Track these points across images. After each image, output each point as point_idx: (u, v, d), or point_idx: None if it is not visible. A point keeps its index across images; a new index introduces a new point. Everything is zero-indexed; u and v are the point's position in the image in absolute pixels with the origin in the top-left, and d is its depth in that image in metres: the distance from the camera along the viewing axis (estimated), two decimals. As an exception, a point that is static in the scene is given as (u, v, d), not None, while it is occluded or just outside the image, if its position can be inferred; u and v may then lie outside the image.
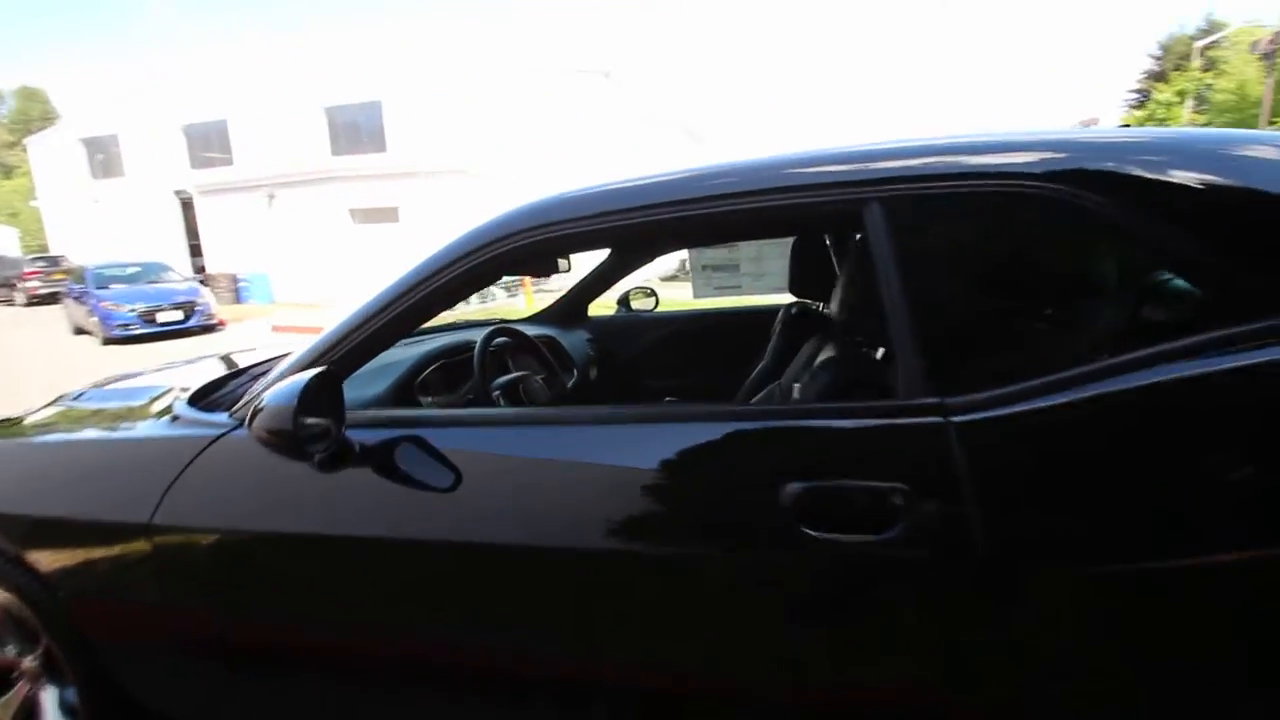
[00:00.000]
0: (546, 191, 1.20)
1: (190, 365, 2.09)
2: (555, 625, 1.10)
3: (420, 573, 1.14)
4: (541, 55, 16.24)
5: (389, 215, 14.79)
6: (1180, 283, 1.01)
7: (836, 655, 1.00)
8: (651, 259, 2.78)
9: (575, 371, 2.37)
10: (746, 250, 2.65)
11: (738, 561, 1.00)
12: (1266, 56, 17.84)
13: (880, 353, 1.36)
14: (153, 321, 10.01)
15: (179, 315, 10.29)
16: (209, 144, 18.26)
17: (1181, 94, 24.42)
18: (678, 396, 2.81)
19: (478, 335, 2.06)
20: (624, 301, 3.01)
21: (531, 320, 2.81)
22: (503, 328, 1.87)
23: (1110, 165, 0.94)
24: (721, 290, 2.71)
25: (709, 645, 1.03)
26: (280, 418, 1.02)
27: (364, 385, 1.50)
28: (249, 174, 16.39)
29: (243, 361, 1.93)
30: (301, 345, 1.32)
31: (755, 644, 1.02)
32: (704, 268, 2.72)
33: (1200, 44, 25.46)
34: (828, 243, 1.99)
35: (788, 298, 2.89)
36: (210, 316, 10.72)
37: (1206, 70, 24.08)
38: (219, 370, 1.83)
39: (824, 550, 0.94)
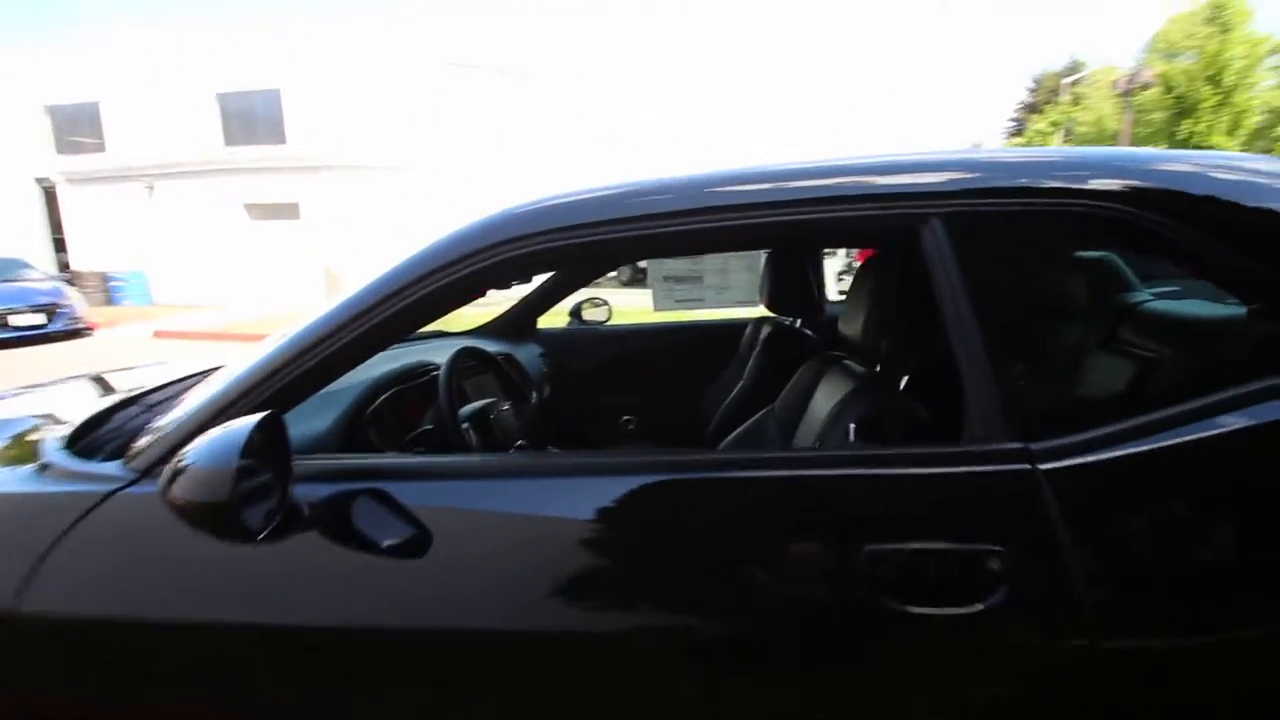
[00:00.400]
0: (548, 188, 1.00)
1: (56, 389, 1.70)
2: None
3: (395, 671, 0.90)
4: (456, 52, 15.61)
5: (289, 211, 13.70)
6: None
7: None
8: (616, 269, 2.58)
9: (535, 393, 2.15)
10: (711, 262, 2.53)
11: (807, 645, 0.84)
12: (1124, 94, 20.07)
13: (904, 382, 1.25)
14: (4, 326, 8.70)
15: (40, 319, 9.01)
16: (77, 127, 16.24)
17: (1055, 124, 27.05)
18: (638, 415, 2.64)
19: (427, 354, 1.80)
20: (576, 313, 2.81)
21: (478, 334, 2.55)
22: (470, 348, 1.63)
23: (1202, 189, 0.87)
24: (684, 304, 2.57)
25: None
26: (214, 485, 0.76)
27: (301, 420, 1.23)
28: (125, 162, 14.70)
29: (124, 384, 1.58)
30: (223, 375, 1.04)
31: None
32: (665, 279, 2.57)
33: (1066, 80, 28.35)
34: (824, 255, 1.88)
35: (749, 311, 2.80)
36: (76, 320, 9.47)
37: (1074, 104, 26.83)
38: (97, 398, 1.48)
39: (916, 627, 0.80)
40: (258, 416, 0.81)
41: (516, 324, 2.60)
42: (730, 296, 2.56)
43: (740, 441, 1.64)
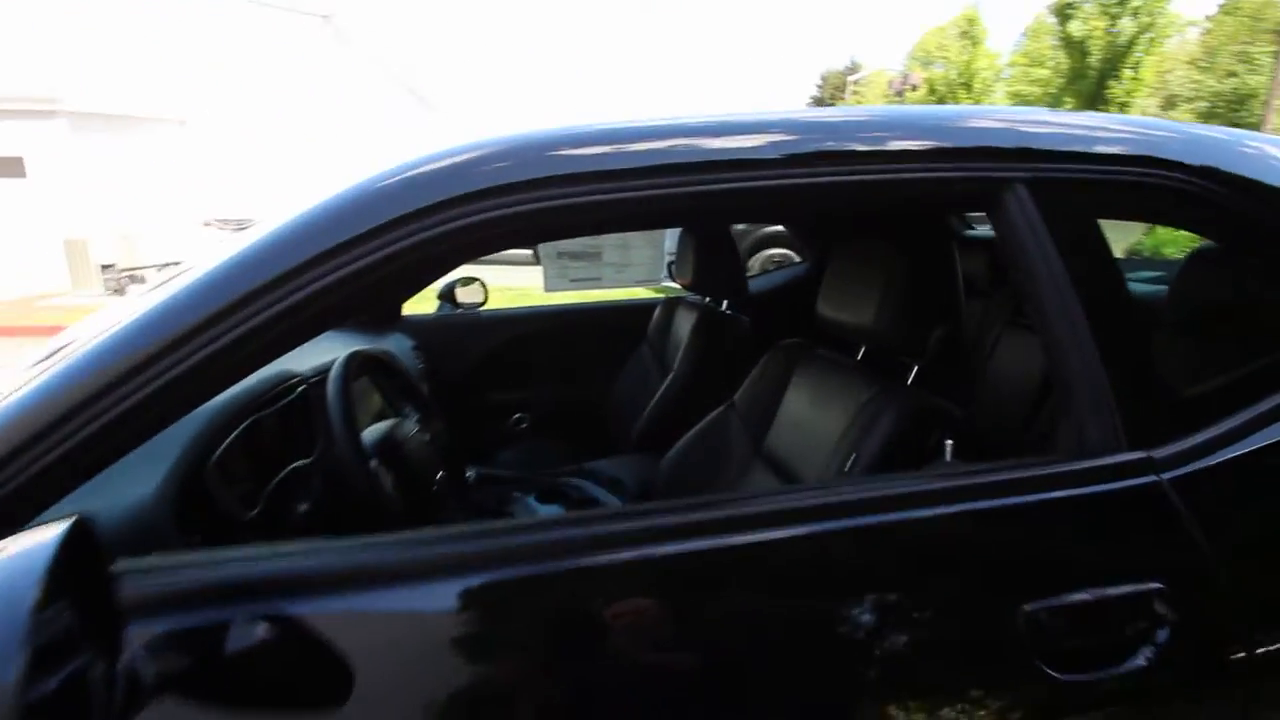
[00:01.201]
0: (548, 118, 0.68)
1: None
2: None
3: None
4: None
5: (8, 168, 10.71)
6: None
7: None
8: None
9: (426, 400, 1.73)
10: (611, 236, 2.25)
11: None
12: (898, 94, 23.03)
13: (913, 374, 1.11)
14: None
15: None
16: None
17: (843, 118, 30.40)
18: (530, 414, 2.31)
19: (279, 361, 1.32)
20: (448, 296, 2.38)
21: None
22: (364, 355, 1.17)
23: None
24: (579, 283, 2.28)
25: None
26: None
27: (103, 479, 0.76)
28: None
29: None
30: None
31: None
32: (560, 255, 2.24)
33: (850, 79, 31.93)
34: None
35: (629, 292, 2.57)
36: None
37: (856, 101, 30.31)
38: None
39: (1087, 695, 0.64)
40: (52, 531, 0.42)
41: (377, 310, 2.11)
42: (631, 275, 2.31)
43: (700, 441, 1.42)
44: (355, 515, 0.93)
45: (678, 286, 2.06)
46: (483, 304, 2.43)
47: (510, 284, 3.92)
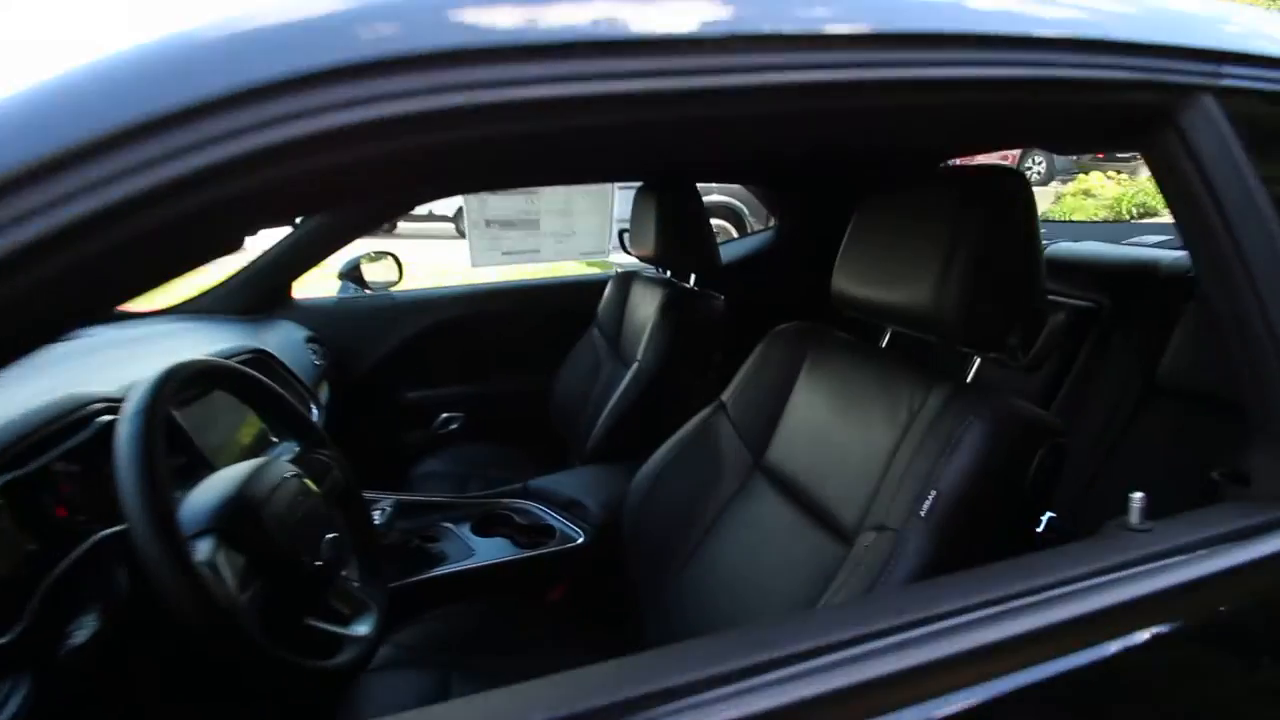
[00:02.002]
0: None
1: None
2: None
3: None
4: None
5: None
6: None
7: None
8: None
9: (314, 407, 1.34)
10: (551, 199, 1.88)
11: None
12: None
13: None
14: None
15: None
16: None
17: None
18: (462, 413, 1.95)
19: (77, 370, 0.91)
20: (353, 275, 1.96)
21: (188, 311, 1.58)
22: (199, 366, 0.75)
23: None
24: (513, 256, 1.91)
25: None
26: None
27: None
28: None
29: None
30: None
31: None
32: (489, 224, 1.86)
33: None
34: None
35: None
36: None
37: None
38: None
39: None
40: None
41: (257, 292, 1.68)
42: (575, 246, 1.96)
43: (681, 453, 1.12)
44: (151, 652, 0.58)
45: (631, 260, 1.74)
46: (396, 283, 2.02)
47: (427, 261, 3.48)
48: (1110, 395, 1.39)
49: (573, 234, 1.92)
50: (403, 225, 6.66)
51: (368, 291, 1.94)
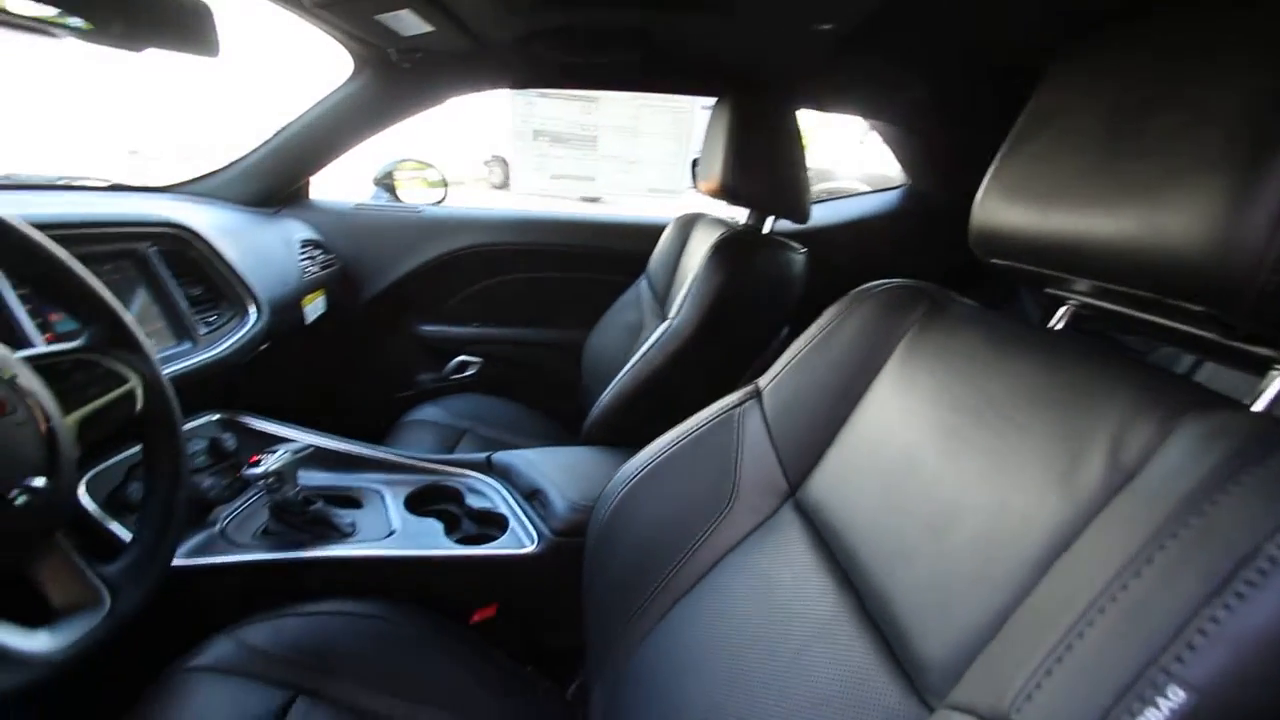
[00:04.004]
0: None
1: None
2: None
3: None
4: None
5: None
6: None
7: None
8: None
9: (252, 311, 1.07)
10: (614, 112, 1.51)
11: None
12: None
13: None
14: None
15: None
16: None
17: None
18: (480, 359, 1.66)
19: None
20: (385, 182, 1.70)
21: (179, 192, 1.38)
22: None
23: None
24: (563, 180, 1.56)
25: None
26: None
27: None
28: None
29: None
30: None
31: None
32: (537, 136, 1.54)
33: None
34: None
35: (671, 207, 1.84)
36: None
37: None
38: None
39: None
40: None
41: (265, 183, 1.45)
42: (640, 176, 1.58)
43: (687, 453, 0.72)
44: None
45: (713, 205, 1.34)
46: (437, 203, 1.75)
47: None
48: None
49: (638, 162, 1.54)
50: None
51: (396, 204, 1.68)
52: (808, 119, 1.45)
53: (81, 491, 0.75)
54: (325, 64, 1.38)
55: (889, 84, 1.21)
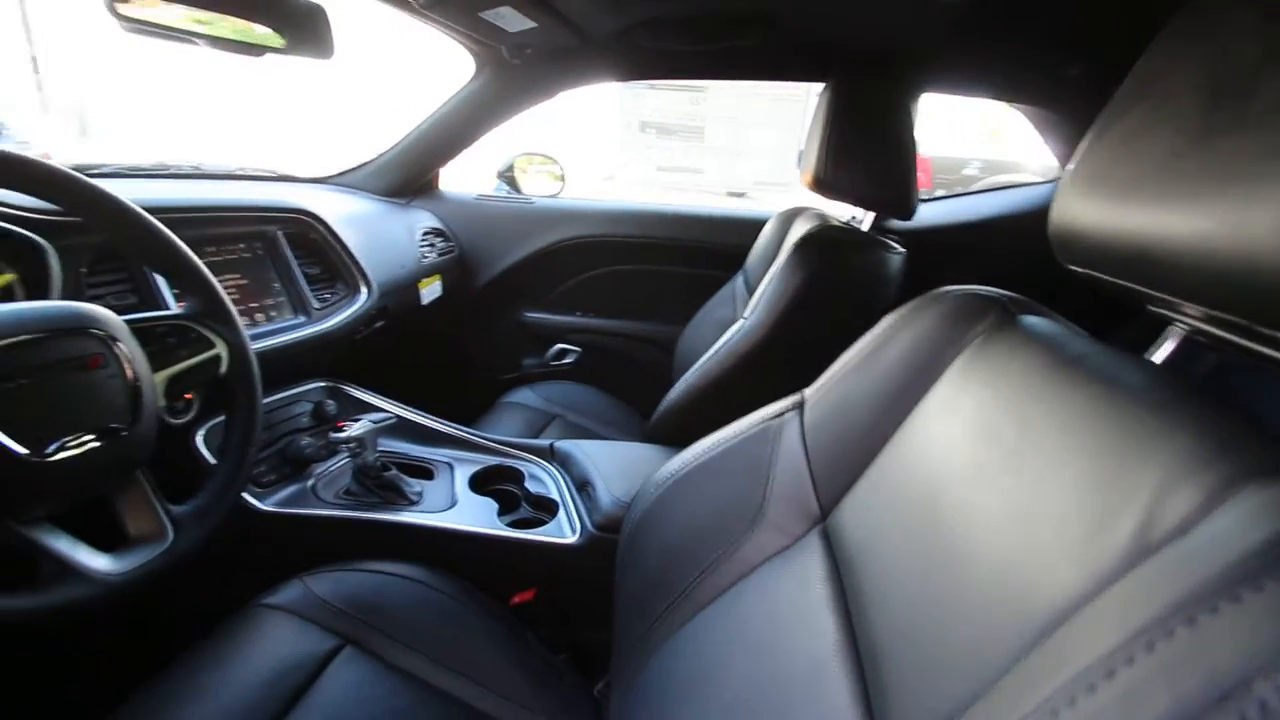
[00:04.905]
0: None
1: None
2: None
3: None
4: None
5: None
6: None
7: None
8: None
9: (363, 289, 1.17)
10: (720, 102, 1.46)
11: None
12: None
13: None
14: (-63, 140, 7.70)
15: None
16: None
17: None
18: (579, 348, 1.70)
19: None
20: (506, 175, 1.80)
21: (329, 183, 1.56)
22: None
23: None
24: (669, 172, 1.55)
25: None
26: None
27: None
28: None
29: None
30: None
31: None
32: (644, 128, 1.53)
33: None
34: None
35: (779, 200, 1.77)
36: (25, 144, 8.43)
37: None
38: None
39: None
40: None
41: (399, 175, 1.59)
42: (746, 168, 1.52)
43: (720, 463, 0.68)
44: None
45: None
46: (555, 194, 1.82)
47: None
48: None
49: (746, 154, 1.48)
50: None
51: (515, 195, 1.77)
52: (995, 107, 1.30)
53: (200, 437, 0.87)
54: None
55: (1031, 61, 1.05)
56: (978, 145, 5.92)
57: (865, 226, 1.09)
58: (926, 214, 1.46)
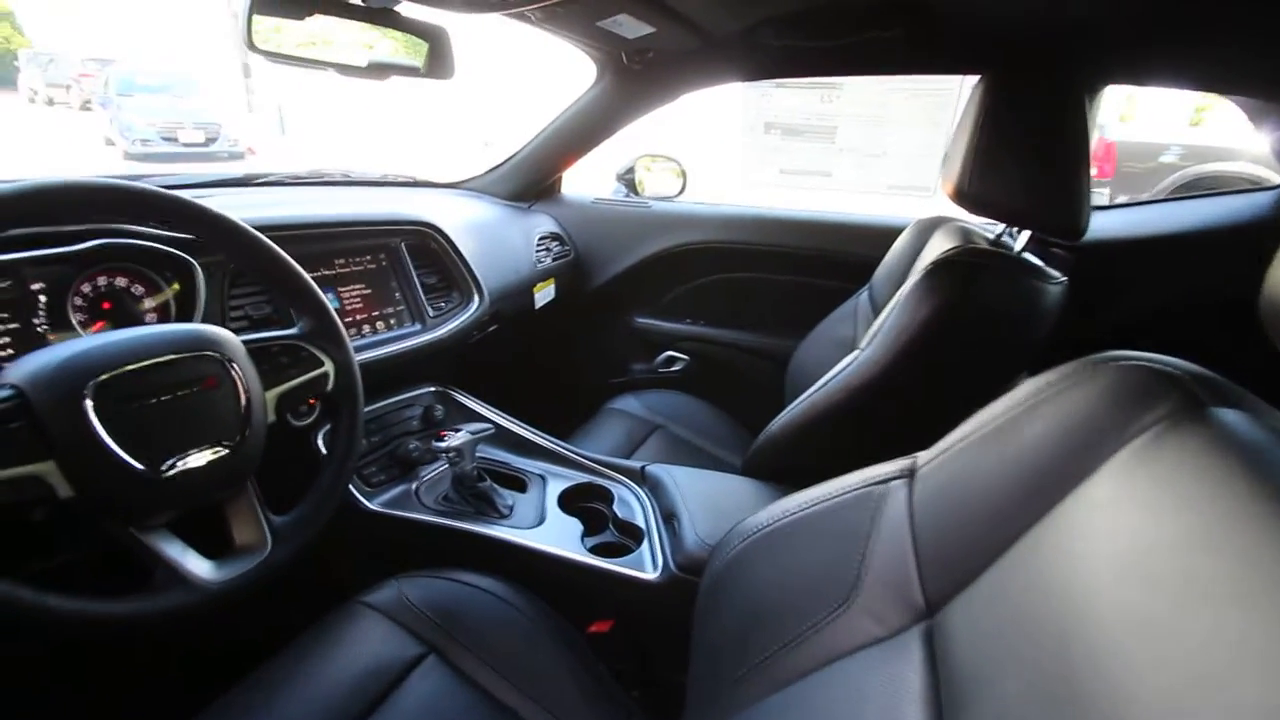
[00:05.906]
0: None
1: None
2: None
3: None
4: None
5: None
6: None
7: None
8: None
9: (477, 299, 1.20)
10: (858, 100, 1.33)
11: None
12: None
13: None
14: (174, 140, 9.20)
15: (200, 137, 9.43)
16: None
17: None
18: (687, 357, 1.66)
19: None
20: (626, 178, 1.78)
21: (458, 188, 1.63)
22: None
23: None
24: (794, 175, 1.44)
25: None
26: None
27: None
28: None
29: None
30: None
31: None
32: (769, 129, 1.44)
33: None
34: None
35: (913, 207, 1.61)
36: (235, 142, 9.82)
37: None
38: None
39: None
40: None
41: (522, 180, 1.63)
42: (884, 172, 1.38)
43: (815, 526, 0.61)
44: None
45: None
46: (674, 197, 1.78)
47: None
48: None
49: (882, 155, 1.34)
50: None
51: (635, 198, 1.75)
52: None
53: (320, 438, 0.94)
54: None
55: (1254, 45, 0.84)
56: (1178, 126, 5.06)
57: (1018, 245, 0.93)
58: (1100, 224, 1.24)
